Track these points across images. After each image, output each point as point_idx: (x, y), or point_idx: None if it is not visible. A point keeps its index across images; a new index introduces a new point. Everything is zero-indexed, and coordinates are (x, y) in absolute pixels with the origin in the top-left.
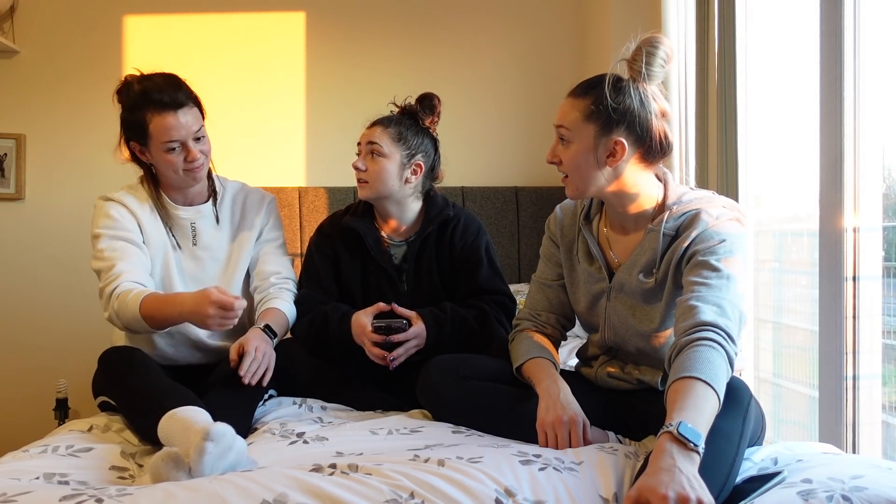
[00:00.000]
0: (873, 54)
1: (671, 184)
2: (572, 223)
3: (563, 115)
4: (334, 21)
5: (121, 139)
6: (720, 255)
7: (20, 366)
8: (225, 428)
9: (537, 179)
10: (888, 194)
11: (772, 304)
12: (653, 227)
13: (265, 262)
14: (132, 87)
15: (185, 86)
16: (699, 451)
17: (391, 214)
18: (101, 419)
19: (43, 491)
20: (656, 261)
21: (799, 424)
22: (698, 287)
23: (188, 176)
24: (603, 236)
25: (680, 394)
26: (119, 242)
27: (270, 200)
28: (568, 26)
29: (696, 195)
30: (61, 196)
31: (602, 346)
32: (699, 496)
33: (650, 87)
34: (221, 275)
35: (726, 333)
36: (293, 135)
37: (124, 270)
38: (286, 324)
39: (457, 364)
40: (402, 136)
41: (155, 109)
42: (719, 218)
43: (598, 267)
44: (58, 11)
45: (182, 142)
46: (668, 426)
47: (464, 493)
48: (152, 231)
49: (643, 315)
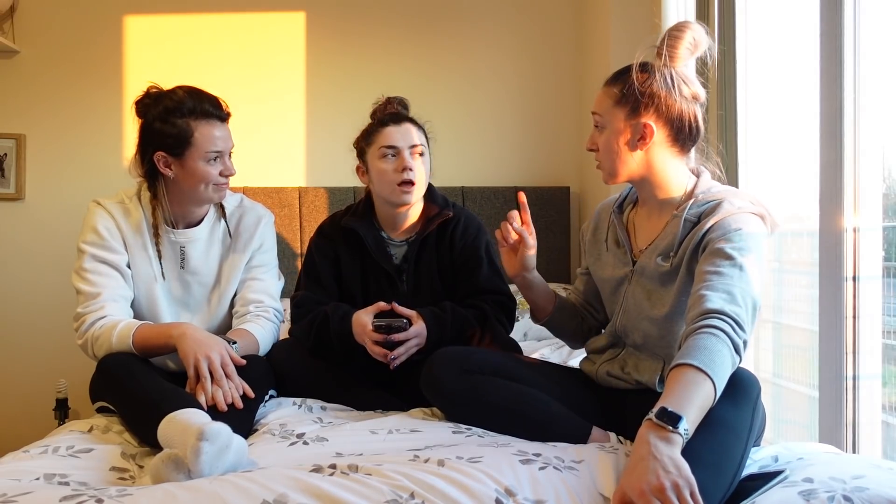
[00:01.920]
0: (873, 54)
1: (704, 177)
2: (606, 214)
3: (598, 103)
4: (334, 21)
5: (139, 150)
6: (735, 244)
7: (20, 366)
8: (220, 426)
9: (537, 179)
10: (888, 194)
11: (772, 304)
12: (677, 213)
13: (249, 289)
14: (175, 94)
15: (224, 104)
16: (680, 433)
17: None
18: (102, 420)
19: (43, 491)
20: (675, 245)
21: (799, 424)
22: (710, 276)
23: (216, 191)
24: (631, 224)
25: (672, 380)
26: (104, 266)
27: (266, 222)
28: (568, 26)
29: (725, 188)
30: (61, 196)
31: (611, 334)
32: (674, 480)
33: (679, 71)
34: (208, 299)
35: (733, 320)
36: (293, 135)
37: (108, 301)
38: (255, 344)
39: (461, 357)
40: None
41: (203, 118)
42: (741, 208)
43: (624, 251)
44: (58, 11)
45: (222, 154)
46: (649, 414)
47: (464, 493)
48: (137, 253)
49: (657, 298)
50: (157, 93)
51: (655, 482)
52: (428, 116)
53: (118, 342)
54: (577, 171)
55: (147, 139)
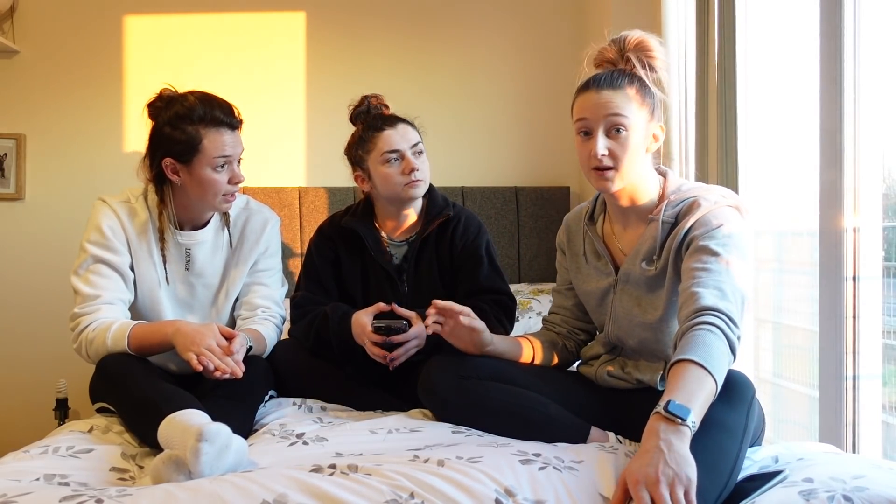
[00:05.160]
0: (873, 54)
1: (670, 176)
2: (577, 227)
3: (613, 105)
4: (334, 21)
5: (148, 154)
6: (718, 239)
7: (20, 366)
8: (219, 427)
9: (537, 179)
10: (888, 194)
11: (772, 304)
12: (653, 217)
13: (255, 295)
14: (186, 99)
15: (237, 111)
16: (689, 426)
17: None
18: (102, 420)
19: (43, 492)
20: (657, 248)
21: (799, 424)
22: (698, 273)
23: (224, 202)
24: (608, 234)
25: (674, 377)
26: (104, 268)
27: (273, 225)
28: (568, 26)
29: (694, 185)
30: (61, 196)
31: (605, 343)
32: (671, 477)
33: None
34: (212, 301)
35: (727, 317)
36: (293, 135)
37: (105, 303)
38: (262, 343)
39: (457, 362)
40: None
41: (212, 125)
42: (717, 203)
43: (605, 262)
44: (58, 11)
45: (231, 161)
46: (657, 407)
47: (464, 493)
48: (142, 256)
49: (648, 304)
50: (170, 96)
51: (653, 475)
52: (428, 116)
53: (114, 344)
54: (577, 171)
55: (156, 144)
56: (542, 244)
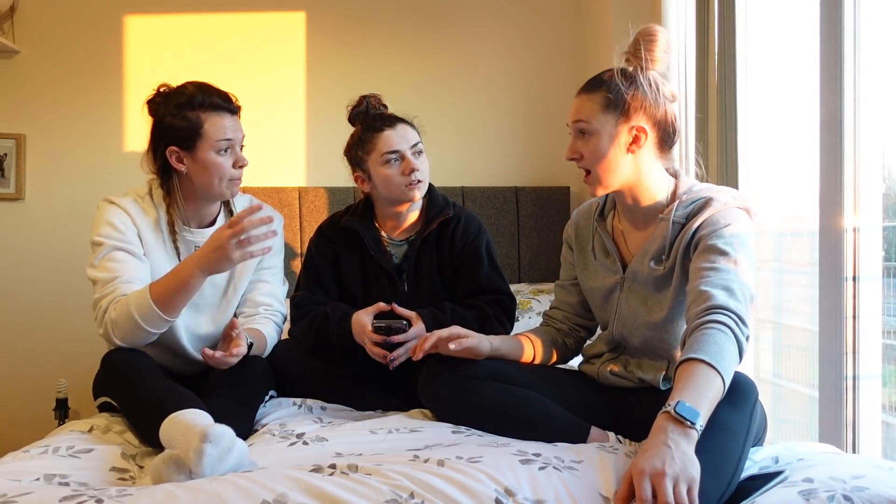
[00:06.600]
0: (873, 54)
1: (682, 177)
2: (587, 223)
3: (580, 110)
4: (334, 21)
5: (151, 147)
6: (726, 238)
7: (20, 365)
8: (224, 429)
9: (537, 179)
10: (888, 194)
11: (772, 304)
12: (663, 217)
13: (258, 292)
14: (184, 88)
15: (234, 97)
16: (697, 429)
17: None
18: (102, 420)
19: (43, 492)
20: (666, 248)
21: (799, 424)
22: (707, 272)
23: (229, 187)
24: (618, 231)
25: (683, 375)
26: (120, 253)
27: (276, 223)
28: (568, 26)
29: (705, 186)
30: (61, 196)
31: (609, 341)
32: (676, 472)
33: (656, 74)
34: (219, 300)
35: (737, 316)
36: (293, 135)
37: (124, 283)
38: (263, 343)
39: (457, 363)
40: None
41: (212, 109)
42: (727, 204)
43: (613, 260)
44: (58, 11)
45: (233, 144)
46: (666, 406)
47: (464, 493)
48: (155, 251)
49: (654, 303)
50: (168, 91)
51: (659, 467)
52: (428, 116)
53: (137, 308)
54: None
55: (159, 135)
56: (542, 244)
